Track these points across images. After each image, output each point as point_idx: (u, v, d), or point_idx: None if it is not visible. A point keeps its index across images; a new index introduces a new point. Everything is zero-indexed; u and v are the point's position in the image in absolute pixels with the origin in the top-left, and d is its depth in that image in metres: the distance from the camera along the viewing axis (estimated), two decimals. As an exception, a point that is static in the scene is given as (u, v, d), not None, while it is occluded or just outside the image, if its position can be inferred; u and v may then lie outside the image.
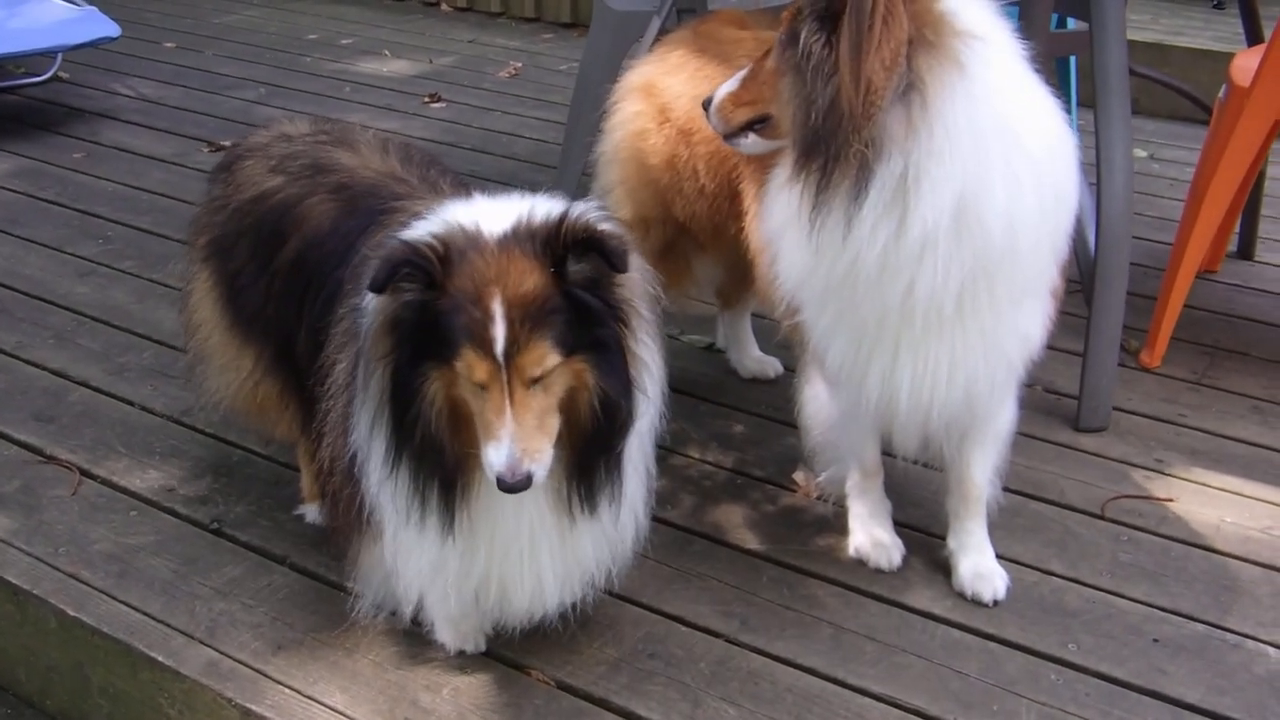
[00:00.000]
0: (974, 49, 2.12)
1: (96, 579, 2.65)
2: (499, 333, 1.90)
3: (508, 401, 1.92)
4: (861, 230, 2.14)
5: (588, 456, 2.06)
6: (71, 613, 2.56)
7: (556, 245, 1.94)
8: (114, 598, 2.60)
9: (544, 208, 2.01)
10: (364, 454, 2.13)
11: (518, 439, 1.92)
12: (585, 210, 1.99)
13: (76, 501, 2.92)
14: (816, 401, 2.66)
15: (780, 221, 2.38)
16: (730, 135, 2.48)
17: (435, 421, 1.98)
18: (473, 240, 1.96)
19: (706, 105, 2.49)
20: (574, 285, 1.96)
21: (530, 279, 1.93)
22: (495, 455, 1.92)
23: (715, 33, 2.95)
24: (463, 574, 2.18)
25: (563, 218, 1.95)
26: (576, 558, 2.22)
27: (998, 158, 2.13)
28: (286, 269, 2.42)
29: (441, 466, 2.02)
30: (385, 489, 2.10)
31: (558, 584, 2.22)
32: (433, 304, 1.92)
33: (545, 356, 1.92)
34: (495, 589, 2.20)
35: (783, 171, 2.32)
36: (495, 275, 1.92)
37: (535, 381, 1.93)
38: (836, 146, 2.11)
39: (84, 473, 3.03)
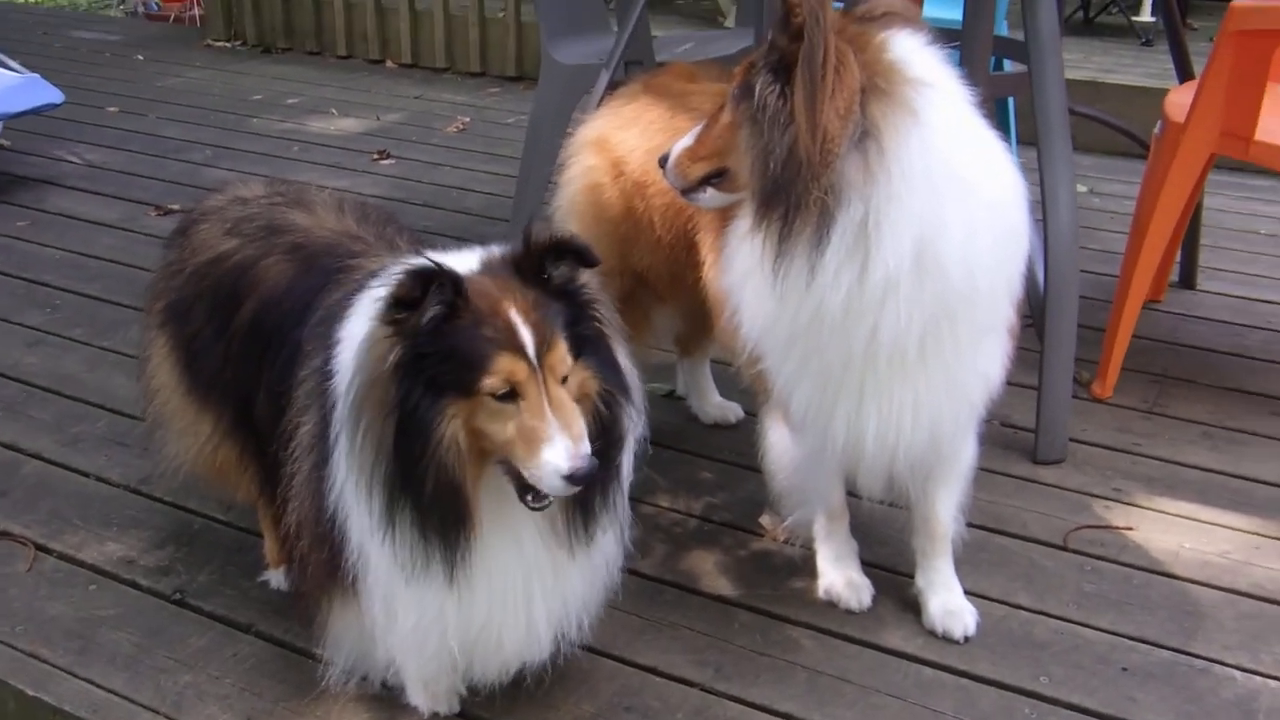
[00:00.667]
0: (926, 95, 2.16)
1: (56, 656, 2.60)
2: (527, 337, 1.93)
3: (547, 402, 1.93)
4: (825, 276, 2.17)
5: None
6: (31, 692, 2.50)
7: (534, 254, 1.99)
8: (75, 675, 2.55)
9: (497, 248, 2.08)
10: (345, 513, 2.10)
11: (568, 434, 1.93)
12: (540, 225, 2.07)
13: (33, 577, 2.87)
14: (779, 447, 2.67)
15: (742, 272, 2.40)
16: (688, 190, 2.48)
17: (452, 463, 1.95)
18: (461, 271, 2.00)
19: (663, 162, 2.50)
20: (560, 287, 2.02)
21: (528, 289, 1.98)
22: (553, 454, 1.91)
23: (667, 86, 2.98)
24: (462, 623, 2.14)
25: (528, 232, 2.01)
26: (565, 597, 2.20)
27: (953, 200, 2.16)
28: (244, 331, 2.41)
29: (453, 510, 1.99)
30: (382, 545, 2.05)
31: (549, 625, 2.20)
32: (452, 326, 1.92)
33: (567, 353, 1.97)
34: (490, 636, 2.17)
35: (743, 223, 2.34)
36: (500, 291, 1.96)
37: (563, 382, 1.97)
38: (797, 194, 2.13)
39: (40, 547, 2.97)
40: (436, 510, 1.99)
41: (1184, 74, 4.24)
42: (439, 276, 1.91)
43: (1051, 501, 3.12)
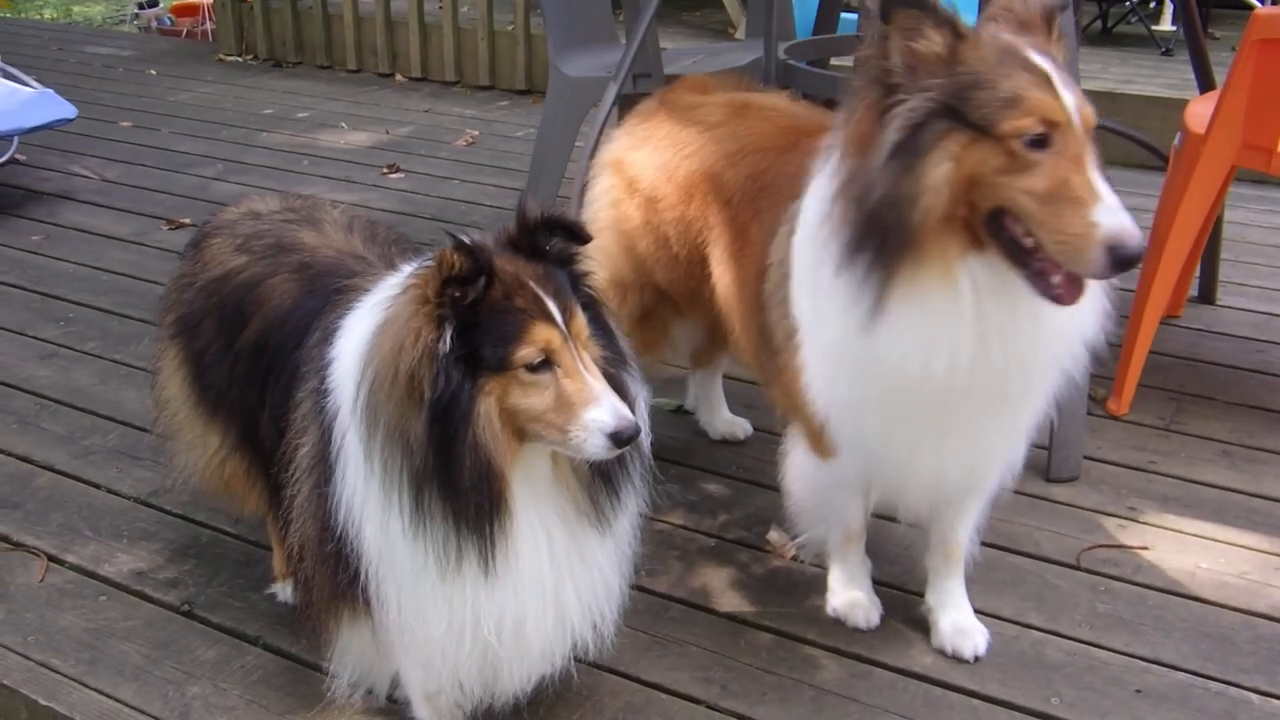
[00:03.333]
0: None
1: (67, 666, 2.60)
2: (552, 305, 1.92)
3: (582, 366, 1.93)
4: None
5: None
6: (43, 702, 2.50)
7: (529, 229, 1.99)
8: (86, 685, 2.55)
9: (476, 232, 2.05)
10: (356, 527, 2.05)
11: (610, 395, 1.92)
12: (531, 202, 2.05)
13: (45, 589, 2.87)
14: (804, 468, 2.60)
15: (846, 326, 2.17)
16: None
17: (490, 444, 1.92)
18: None
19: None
20: (558, 260, 2.01)
21: (534, 263, 1.97)
22: (600, 413, 1.90)
23: (678, 100, 2.99)
24: (496, 617, 2.08)
25: (522, 208, 2.01)
26: (594, 583, 2.17)
27: None
28: (249, 350, 2.40)
29: (489, 496, 1.95)
30: (414, 544, 2.00)
31: (581, 615, 2.17)
32: (487, 301, 1.90)
33: (584, 320, 1.97)
34: (521, 631, 2.12)
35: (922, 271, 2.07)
36: (512, 268, 1.94)
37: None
38: None
39: (52, 559, 2.98)
40: (472, 498, 1.94)
41: (1205, 84, 4.20)
42: (484, 249, 1.89)
43: (1065, 520, 3.09)
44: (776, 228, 2.47)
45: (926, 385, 2.13)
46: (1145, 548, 2.97)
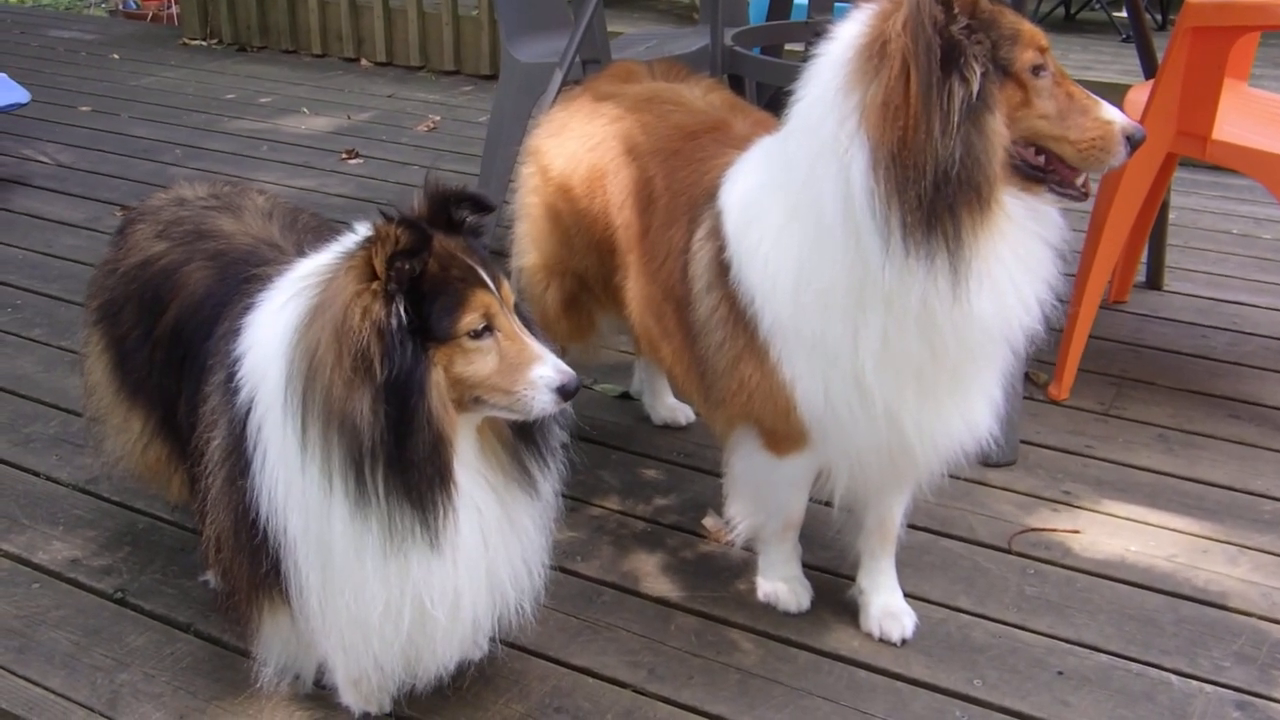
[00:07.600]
0: None
1: (-5, 654, 2.60)
2: (484, 273, 1.97)
3: (519, 329, 1.99)
4: None
5: None
6: (-32, 690, 2.50)
7: (441, 204, 2.02)
8: (13, 673, 2.54)
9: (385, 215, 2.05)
10: (281, 518, 2.04)
11: (548, 350, 1.98)
12: (437, 177, 2.08)
13: (-24, 577, 2.86)
14: (755, 466, 2.56)
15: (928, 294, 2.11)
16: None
17: (442, 415, 1.94)
18: None
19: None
20: (472, 232, 2.06)
21: (453, 236, 2.01)
22: (545, 370, 1.97)
23: (598, 89, 2.99)
24: (436, 592, 2.08)
25: (430, 184, 2.04)
26: (523, 548, 2.19)
27: None
28: (167, 338, 2.41)
29: (438, 469, 1.96)
30: (365, 525, 1.99)
31: (512, 582, 2.19)
32: (424, 274, 1.92)
33: (510, 286, 2.02)
34: (457, 601, 2.12)
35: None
36: (438, 241, 1.96)
37: None
38: None
39: (-14, 547, 2.97)
40: (425, 470, 1.95)
41: (1149, 70, 4.21)
42: (422, 225, 1.92)
43: (999, 504, 3.11)
44: (688, 249, 2.47)
45: (1004, 335, 2.19)
46: (1077, 531, 2.99)
